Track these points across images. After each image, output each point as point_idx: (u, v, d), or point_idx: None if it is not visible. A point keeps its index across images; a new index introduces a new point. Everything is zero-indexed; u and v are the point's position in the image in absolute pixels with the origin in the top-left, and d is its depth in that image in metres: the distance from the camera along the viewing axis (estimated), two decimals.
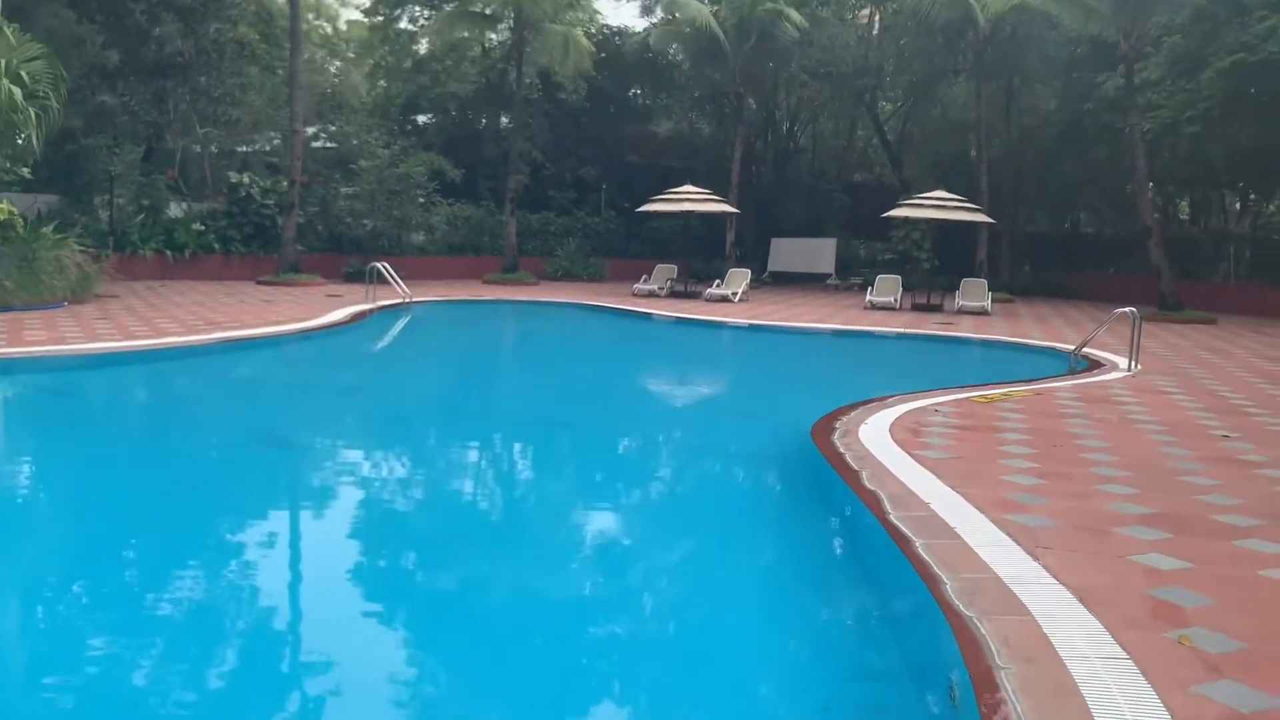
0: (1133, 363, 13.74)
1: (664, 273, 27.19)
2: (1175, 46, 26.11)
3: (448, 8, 30.39)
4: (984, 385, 11.96)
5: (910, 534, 5.71)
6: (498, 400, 12.76)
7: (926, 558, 5.31)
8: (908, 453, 7.88)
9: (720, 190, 31.28)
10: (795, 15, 28.04)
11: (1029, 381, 12.43)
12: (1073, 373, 13.65)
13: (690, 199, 26.33)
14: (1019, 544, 5.58)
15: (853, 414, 9.61)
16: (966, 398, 10.81)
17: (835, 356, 17.86)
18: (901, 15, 30.70)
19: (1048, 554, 5.42)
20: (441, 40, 29.61)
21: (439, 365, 15.63)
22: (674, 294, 26.28)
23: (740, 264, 34.57)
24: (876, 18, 35.40)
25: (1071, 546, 5.60)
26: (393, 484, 8.51)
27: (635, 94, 37.75)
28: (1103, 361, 14.50)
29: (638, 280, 27.19)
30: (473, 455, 9.98)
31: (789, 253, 34.53)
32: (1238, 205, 35.92)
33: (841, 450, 7.96)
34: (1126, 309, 13.78)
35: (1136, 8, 22.65)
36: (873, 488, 6.76)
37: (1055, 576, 5.06)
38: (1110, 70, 27.21)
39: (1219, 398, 11.45)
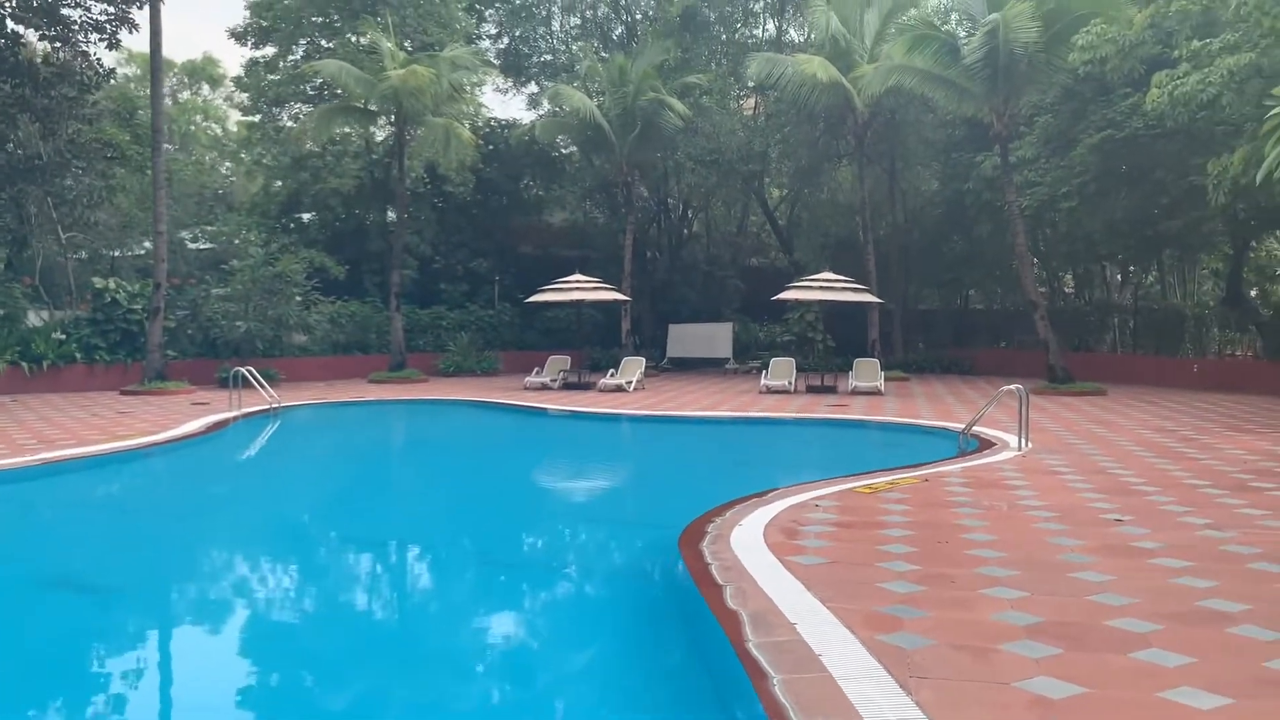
0: (1023, 440, 13.38)
1: (557, 364, 26.46)
2: (1047, 125, 26.81)
3: (325, 105, 29.70)
4: (872, 473, 11.38)
5: (769, 668, 4.93)
6: (341, 518, 11.37)
7: (784, 700, 4.52)
8: (780, 559, 7.15)
9: (615, 278, 30.96)
10: (678, 104, 28.12)
11: (918, 466, 11.91)
12: (963, 454, 13.22)
13: (580, 288, 25.80)
14: (891, 673, 4.83)
15: (729, 514, 8.89)
16: (851, 488, 10.19)
17: (724, 446, 17.19)
18: (783, 103, 31.07)
19: (923, 686, 4.68)
20: (320, 136, 28.84)
21: (288, 481, 14.05)
22: (567, 385, 25.52)
23: (639, 351, 34.18)
24: (760, 106, 35.90)
25: (950, 673, 4.88)
26: (199, 628, 7.42)
27: (527, 185, 37.47)
28: (994, 440, 14.13)
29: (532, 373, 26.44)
30: (293, 588, 8.77)
31: (687, 338, 34.21)
32: (1119, 277, 36.98)
33: (709, 560, 7.20)
34: (1013, 385, 13.47)
35: (1007, 88, 23.13)
36: (735, 606, 5.99)
37: (930, 717, 4.32)
38: (987, 150, 27.84)
39: (1110, 476, 11.06)
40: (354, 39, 32.17)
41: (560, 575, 9.04)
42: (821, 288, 24.60)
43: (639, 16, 36.77)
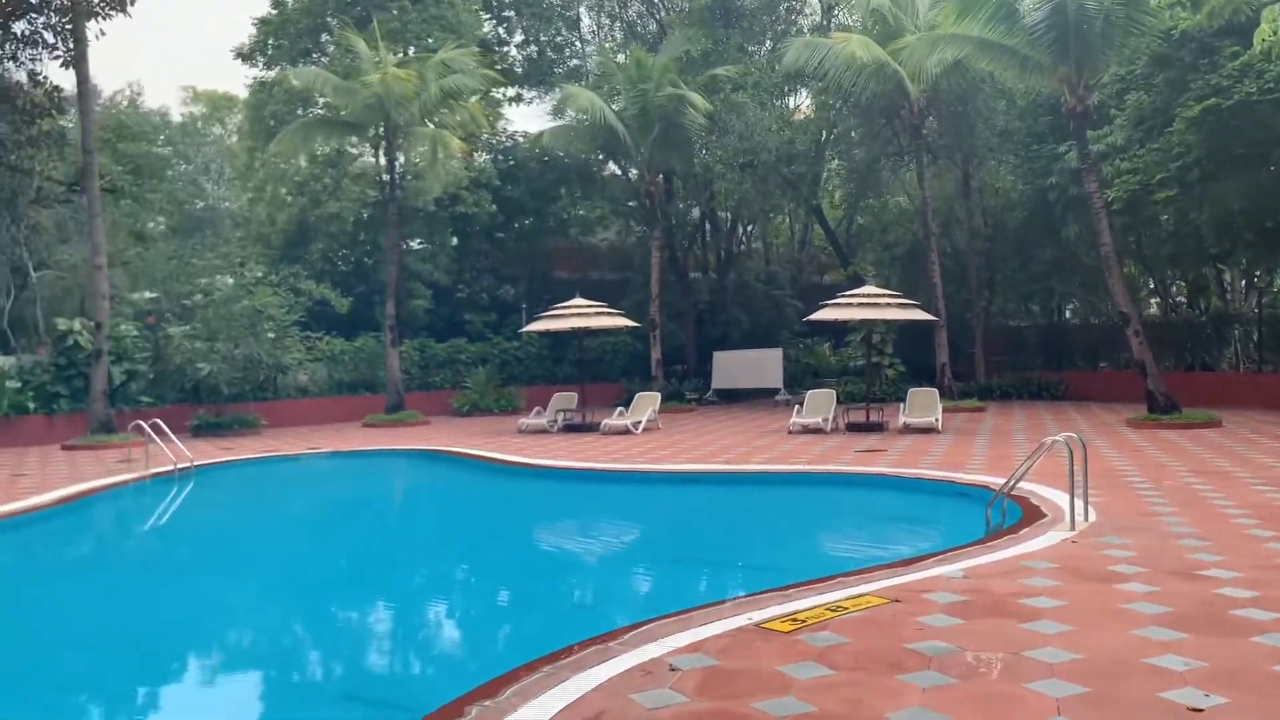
0: (1079, 513, 9.32)
1: (562, 402, 23.03)
2: (1140, 103, 22.33)
3: (302, 119, 26.96)
4: (824, 581, 7.52)
5: None
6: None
7: None
8: None
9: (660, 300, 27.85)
10: (697, 99, 24.57)
11: (908, 564, 8.03)
12: (992, 534, 9.25)
13: (580, 313, 22.28)
14: None
15: (529, 681, 5.31)
16: (765, 620, 6.42)
17: (676, 523, 13.02)
18: (828, 94, 27.20)
19: None
20: (296, 153, 26.16)
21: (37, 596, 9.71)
22: (569, 427, 22.05)
23: (682, 383, 30.64)
24: (804, 100, 32.09)
25: None
26: None
27: (564, 204, 34.27)
28: (1042, 508, 10.10)
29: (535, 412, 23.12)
30: None
31: (733, 367, 30.38)
32: (1242, 282, 31.72)
33: None
34: (1059, 436, 9.40)
35: (1079, 55, 18.88)
36: None
37: None
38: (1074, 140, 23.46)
39: (1201, 584, 7.02)
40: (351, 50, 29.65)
41: None
42: (861, 304, 20.53)
43: (674, 12, 33.30)
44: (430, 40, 28.20)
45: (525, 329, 23.75)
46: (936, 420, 19.44)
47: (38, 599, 9.59)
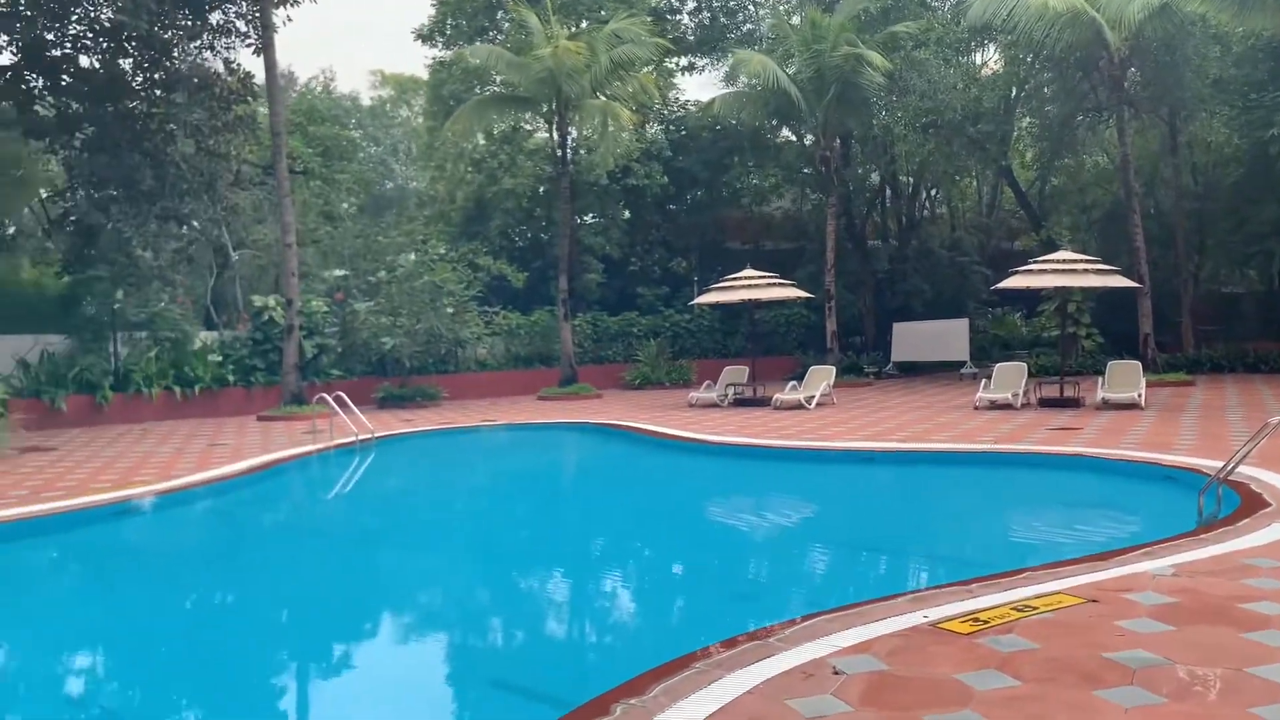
0: None
1: (732, 375, 22.59)
2: None
3: (477, 96, 27.38)
4: (1013, 574, 6.85)
5: None
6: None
7: None
8: None
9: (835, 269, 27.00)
10: (876, 58, 23.46)
11: (1106, 557, 7.23)
12: (1202, 526, 8.28)
13: (750, 285, 21.74)
14: None
15: (677, 678, 4.96)
16: (941, 620, 5.85)
17: (837, 505, 12.40)
18: (1018, 48, 25.50)
19: None
20: (471, 131, 26.57)
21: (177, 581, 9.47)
22: (739, 401, 21.60)
23: (860, 355, 29.75)
24: (992, 56, 30.28)
25: None
26: None
27: (737, 173, 33.68)
28: (1265, 495, 9.00)
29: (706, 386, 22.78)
30: None
31: (915, 339, 29.13)
32: None
33: None
34: None
35: None
36: None
37: None
38: None
39: None
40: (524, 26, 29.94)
41: None
42: (1056, 270, 19.13)
43: None
44: (602, 13, 28.16)
45: (696, 301, 23.49)
46: (1139, 395, 17.93)
47: (199, 563, 9.99)
